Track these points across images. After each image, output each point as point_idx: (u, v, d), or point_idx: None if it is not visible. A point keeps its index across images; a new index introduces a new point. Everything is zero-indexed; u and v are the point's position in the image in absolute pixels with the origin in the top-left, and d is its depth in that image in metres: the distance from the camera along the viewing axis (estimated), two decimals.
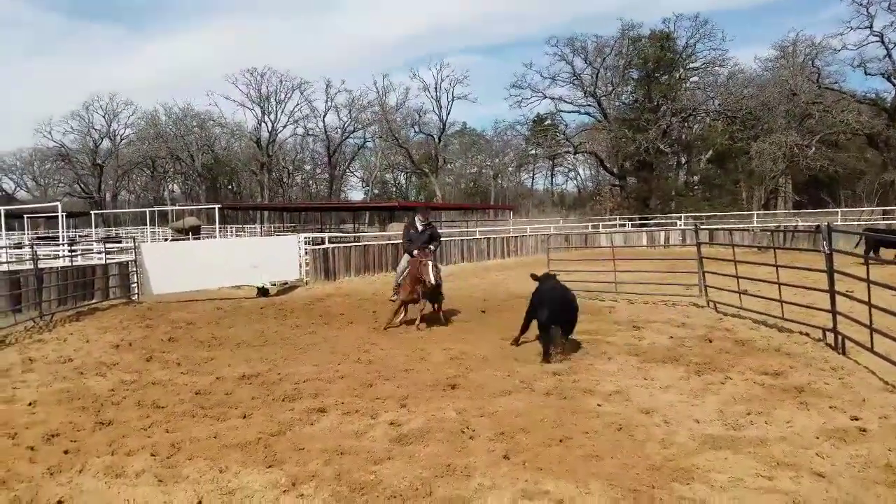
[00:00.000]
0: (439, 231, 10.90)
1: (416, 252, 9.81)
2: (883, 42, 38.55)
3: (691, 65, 45.72)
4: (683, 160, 49.01)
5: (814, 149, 39.15)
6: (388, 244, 19.47)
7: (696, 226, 11.96)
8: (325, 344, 8.50)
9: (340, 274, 17.32)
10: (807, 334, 7.86)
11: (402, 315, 9.77)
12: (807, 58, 41.64)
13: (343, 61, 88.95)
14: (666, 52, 44.04)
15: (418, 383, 6.27)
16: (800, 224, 26.36)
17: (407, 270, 9.84)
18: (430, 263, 9.34)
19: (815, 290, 7.89)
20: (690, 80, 46.18)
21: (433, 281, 9.23)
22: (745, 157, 42.13)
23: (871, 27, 38.43)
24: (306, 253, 16.60)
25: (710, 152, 45.70)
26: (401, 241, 10.12)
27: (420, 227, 10.38)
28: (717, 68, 45.19)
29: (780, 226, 27.29)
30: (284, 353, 7.88)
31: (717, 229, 21.25)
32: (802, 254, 11.70)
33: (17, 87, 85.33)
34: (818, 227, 8.13)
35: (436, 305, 10.01)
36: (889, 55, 38.79)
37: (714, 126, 45.61)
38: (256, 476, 4.11)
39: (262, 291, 14.30)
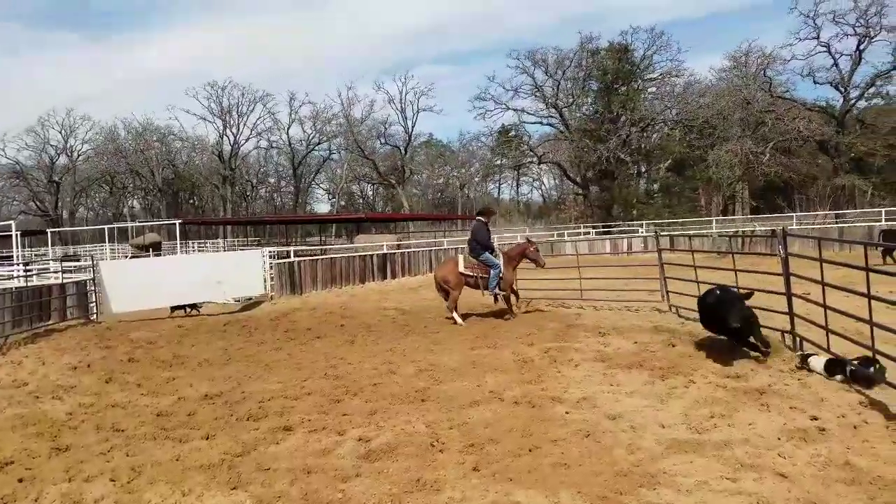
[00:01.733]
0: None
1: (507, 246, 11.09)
2: (830, 52, 40.21)
3: (649, 76, 46.76)
4: (644, 169, 50.00)
5: (768, 155, 40.35)
6: (355, 256, 19.35)
7: (656, 232, 12.17)
8: (291, 360, 8.37)
9: (307, 287, 17.12)
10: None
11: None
12: (759, 68, 43.02)
13: (307, 74, 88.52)
14: (624, 64, 44.97)
15: (387, 397, 6.21)
16: (757, 229, 27.07)
17: (503, 262, 11.00)
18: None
19: (773, 292, 8.08)
20: (648, 90, 47.21)
21: (544, 262, 11.27)
22: (703, 164, 43.17)
23: (818, 38, 40.05)
24: (271, 267, 16.37)
25: (669, 161, 46.79)
26: (476, 241, 11.08)
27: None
28: (673, 79, 46.36)
29: (738, 231, 28.05)
30: (249, 371, 7.73)
31: (677, 235, 21.65)
32: (760, 258, 12.00)
33: None
34: (774, 231, 8.35)
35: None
36: (836, 65, 40.45)
37: (672, 135, 46.67)
38: (221, 499, 4.02)
39: (192, 307, 14.08)
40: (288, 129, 60.76)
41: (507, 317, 10.86)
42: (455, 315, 10.71)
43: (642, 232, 31.44)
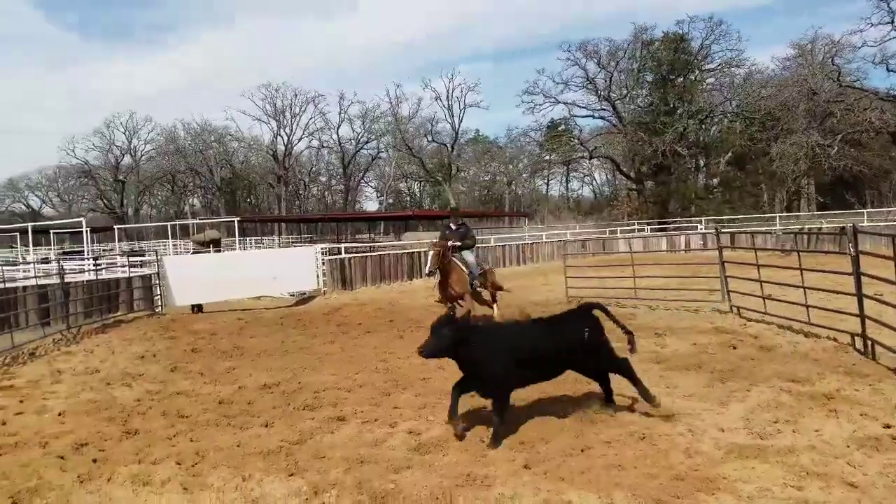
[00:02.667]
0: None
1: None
2: None
3: (707, 66, 45.20)
4: (702, 163, 48.45)
5: (836, 148, 38.46)
6: (402, 253, 19.51)
7: (717, 229, 11.75)
8: (344, 353, 8.52)
9: (357, 283, 17.38)
10: (835, 339, 7.64)
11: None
12: (826, 56, 40.98)
13: (356, 72, 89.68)
14: (680, 55, 43.68)
15: (436, 392, 6.24)
16: (824, 226, 25.94)
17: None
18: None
19: (842, 293, 7.72)
20: (707, 81, 45.62)
21: (427, 269, 10.15)
22: (766, 158, 41.49)
23: (892, 23, 37.74)
24: (323, 263, 16.69)
25: (730, 154, 45.04)
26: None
27: (453, 227, 10.90)
28: (733, 69, 44.61)
29: (803, 228, 26.90)
30: (304, 363, 7.92)
31: (738, 232, 20.92)
32: (828, 256, 11.46)
33: (40, 105, 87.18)
34: (843, 228, 7.96)
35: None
36: None
37: (732, 127, 44.99)
38: (278, 484, 4.13)
39: (198, 308, 14.14)
40: (338, 128, 61.83)
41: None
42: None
43: (701, 229, 30.54)
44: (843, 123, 39.07)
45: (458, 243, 10.51)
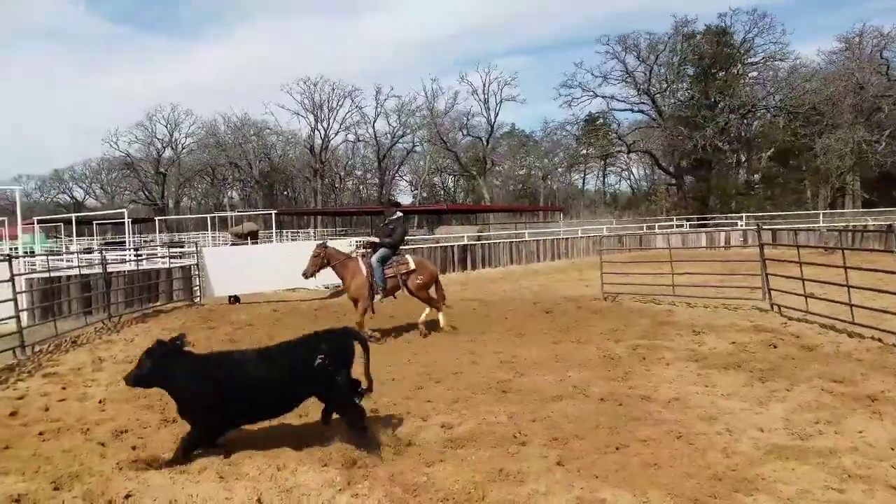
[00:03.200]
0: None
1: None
2: None
3: (750, 60, 44.08)
4: (743, 158, 47.28)
5: (884, 144, 37.17)
6: (436, 247, 19.54)
7: (758, 226, 11.44)
8: (376, 346, 8.56)
9: None
10: (879, 339, 7.40)
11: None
12: (874, 49, 39.63)
13: (392, 66, 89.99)
14: (722, 48, 42.70)
15: (469, 386, 6.24)
16: (870, 223, 25.07)
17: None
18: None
19: (887, 292, 7.46)
20: (749, 75, 44.49)
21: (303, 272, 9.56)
22: (810, 153, 40.36)
23: None
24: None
25: (772, 149, 43.94)
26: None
27: (386, 220, 10.14)
28: (777, 62, 43.42)
29: (848, 225, 26.04)
30: None
31: (780, 229, 20.39)
32: (873, 254, 11.11)
33: (84, 99, 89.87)
34: (890, 226, 7.72)
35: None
36: None
37: (775, 122, 43.80)
38: (313, 474, 4.16)
39: (235, 299, 14.39)
40: (374, 122, 62.11)
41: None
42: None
43: (741, 225, 29.83)
44: (891, 118, 37.74)
45: (377, 240, 9.87)
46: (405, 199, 68.60)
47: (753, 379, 6.18)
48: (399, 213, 10.09)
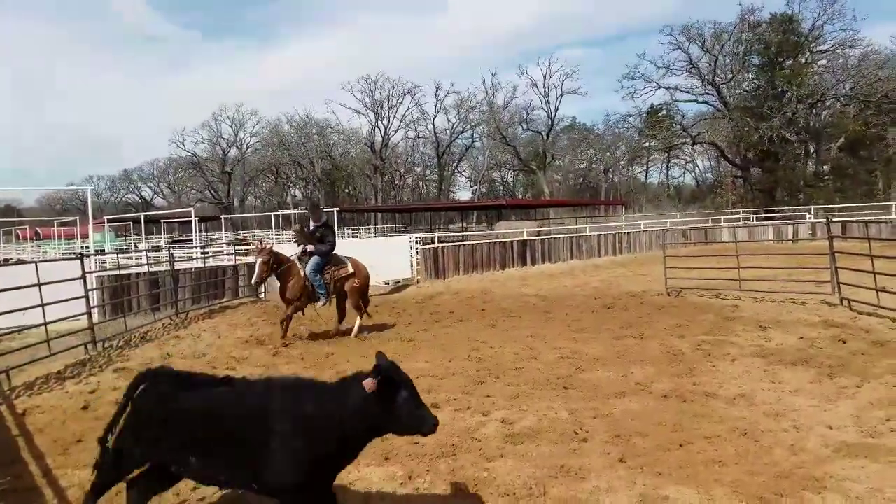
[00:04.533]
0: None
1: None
2: None
3: (818, 48, 42.07)
4: (812, 149, 45.19)
5: None
6: (495, 243, 19.53)
7: (827, 218, 10.98)
8: (437, 341, 8.67)
9: (450, 272, 17.57)
10: None
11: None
12: None
13: (452, 61, 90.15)
14: (789, 36, 40.90)
15: (529, 382, 6.25)
16: None
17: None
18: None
19: None
20: (818, 63, 42.45)
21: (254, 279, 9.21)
22: (881, 143, 38.46)
23: None
24: (417, 252, 17.01)
25: (842, 140, 41.95)
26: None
27: (313, 226, 9.70)
28: (847, 50, 41.22)
29: None
30: (399, 350, 8.13)
31: (851, 222, 19.42)
32: None
33: (154, 101, 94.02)
34: None
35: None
36: None
37: (845, 112, 41.72)
38: (375, 469, 4.28)
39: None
40: (434, 118, 62.44)
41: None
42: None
43: (810, 217, 28.53)
44: None
45: (312, 247, 9.52)
46: (464, 194, 68.87)
47: (822, 375, 5.97)
48: (325, 218, 9.84)
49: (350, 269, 9.77)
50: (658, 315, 9.78)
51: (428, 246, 17.99)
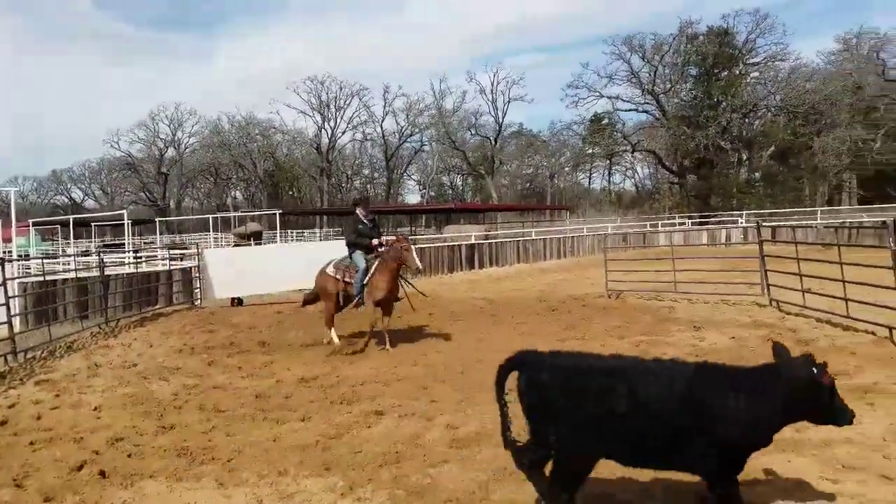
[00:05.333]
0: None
1: (382, 241, 8.86)
2: None
3: (751, 60, 44.46)
4: (744, 157, 47.45)
5: (879, 143, 37.47)
6: (443, 246, 19.57)
7: (758, 223, 11.47)
8: (383, 349, 8.56)
9: None
10: (873, 333, 7.48)
11: (384, 321, 8.64)
12: (871, 50, 39.90)
13: (401, 64, 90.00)
14: (725, 49, 42.94)
15: (475, 385, 6.22)
16: (865, 220, 25.01)
17: (376, 266, 8.67)
18: (414, 248, 8.51)
19: (881, 287, 7.49)
20: (751, 75, 44.89)
21: (420, 265, 8.62)
22: (808, 152, 40.80)
23: None
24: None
25: (772, 148, 44.29)
26: (345, 238, 9.24)
27: (367, 221, 9.21)
28: (778, 63, 43.80)
29: (844, 222, 26.01)
30: (342, 356, 8.00)
31: (779, 226, 20.40)
32: (868, 250, 11.15)
33: (87, 99, 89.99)
34: (884, 222, 7.76)
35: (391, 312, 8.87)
36: None
37: (776, 121, 44.14)
38: (315, 479, 4.16)
39: (238, 301, 14.18)
40: (382, 121, 62.05)
41: (365, 346, 8.44)
42: (331, 334, 8.91)
43: (742, 222, 29.82)
44: (887, 118, 38.12)
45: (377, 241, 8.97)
46: (413, 198, 68.72)
47: None
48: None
49: None
50: (599, 317, 9.97)
51: None
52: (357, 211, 9.28)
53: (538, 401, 3.32)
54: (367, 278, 8.65)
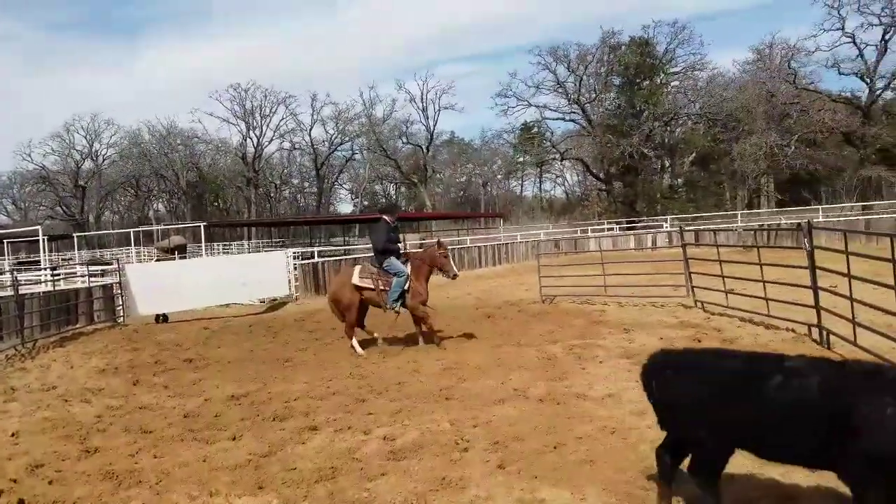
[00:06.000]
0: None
1: (419, 249, 9.14)
2: (855, 43, 39.52)
3: (671, 70, 46.35)
4: (667, 163, 49.48)
5: (793, 148, 39.84)
6: None
7: (680, 227, 12.02)
8: (316, 360, 8.42)
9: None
10: (792, 330, 7.91)
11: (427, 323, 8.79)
12: (783, 60, 42.47)
13: (328, 74, 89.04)
14: (646, 58, 44.65)
15: (411, 396, 6.21)
16: (783, 222, 26.61)
17: (410, 271, 8.76)
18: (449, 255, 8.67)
19: (799, 286, 7.95)
20: (671, 84, 46.75)
21: (457, 272, 8.81)
22: (728, 158, 42.86)
23: (842, 29, 39.38)
24: (295, 268, 16.50)
25: (693, 155, 46.37)
26: (375, 245, 9.13)
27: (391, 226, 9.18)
28: (696, 72, 45.88)
29: (763, 224, 27.57)
30: (274, 372, 7.80)
31: (702, 230, 21.41)
32: (786, 251, 11.82)
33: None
34: (799, 224, 8.23)
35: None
36: (861, 55, 39.75)
37: (696, 129, 46.30)
38: (248, 499, 4.04)
39: (163, 318, 13.78)
40: (310, 130, 61.05)
41: (426, 341, 8.76)
42: (354, 343, 8.71)
43: (666, 227, 31.08)
44: (799, 124, 40.59)
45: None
46: (346, 207, 68.01)
47: None
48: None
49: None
50: (534, 322, 10.14)
51: (307, 261, 17.54)
52: (385, 218, 9.22)
53: (674, 398, 3.41)
54: (407, 283, 8.70)
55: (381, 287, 8.79)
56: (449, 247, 9.91)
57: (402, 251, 9.25)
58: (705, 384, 3.27)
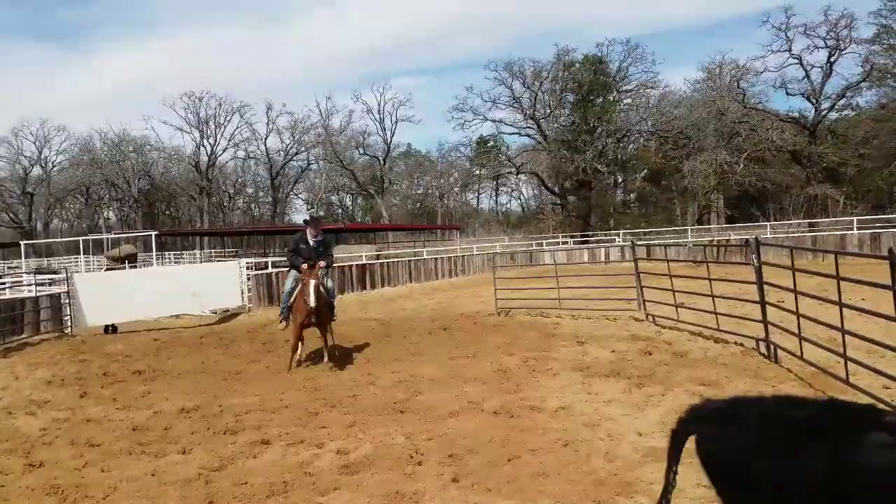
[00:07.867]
0: (335, 248, 9.47)
1: (303, 268, 8.46)
2: (801, 64, 41.15)
3: (624, 87, 47.58)
4: (620, 179, 50.72)
5: (742, 165, 41.19)
6: (333, 267, 19.25)
7: (632, 242, 12.31)
8: (269, 372, 8.31)
9: None
10: (741, 344, 8.14)
11: (302, 345, 8.71)
12: (732, 79, 43.97)
13: (284, 84, 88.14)
14: (599, 76, 45.77)
15: (366, 409, 6.19)
16: (732, 238, 27.52)
17: (297, 290, 8.57)
18: (314, 282, 8.12)
19: (747, 301, 8.22)
20: (624, 101, 47.97)
21: (313, 303, 8.04)
22: (679, 174, 44.01)
23: (790, 50, 41.00)
24: (248, 278, 16.23)
25: (645, 171, 47.68)
26: (286, 257, 8.95)
27: (312, 242, 8.87)
28: (648, 90, 47.17)
29: (713, 240, 28.46)
30: (225, 384, 7.67)
31: (653, 244, 21.97)
32: (735, 267, 12.23)
33: None
34: (748, 240, 8.52)
35: (326, 334, 8.81)
36: (807, 76, 41.43)
37: (648, 146, 47.54)
38: None
39: (112, 328, 13.43)
40: (265, 139, 60.24)
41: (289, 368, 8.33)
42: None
43: (619, 241, 31.77)
44: (748, 142, 41.95)
45: (324, 265, 8.71)
46: (301, 218, 66.85)
47: (632, 385, 6.58)
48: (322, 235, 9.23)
49: None
50: (489, 334, 10.22)
51: (261, 271, 17.26)
52: (307, 230, 9.00)
53: (723, 464, 2.20)
54: (290, 300, 8.61)
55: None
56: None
57: (331, 263, 9.12)
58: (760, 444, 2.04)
